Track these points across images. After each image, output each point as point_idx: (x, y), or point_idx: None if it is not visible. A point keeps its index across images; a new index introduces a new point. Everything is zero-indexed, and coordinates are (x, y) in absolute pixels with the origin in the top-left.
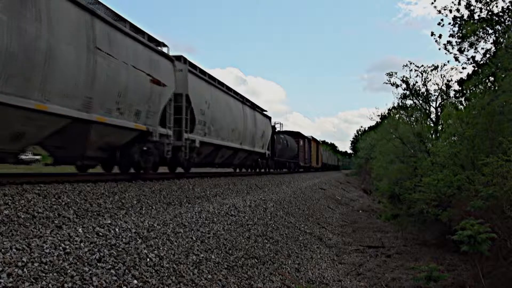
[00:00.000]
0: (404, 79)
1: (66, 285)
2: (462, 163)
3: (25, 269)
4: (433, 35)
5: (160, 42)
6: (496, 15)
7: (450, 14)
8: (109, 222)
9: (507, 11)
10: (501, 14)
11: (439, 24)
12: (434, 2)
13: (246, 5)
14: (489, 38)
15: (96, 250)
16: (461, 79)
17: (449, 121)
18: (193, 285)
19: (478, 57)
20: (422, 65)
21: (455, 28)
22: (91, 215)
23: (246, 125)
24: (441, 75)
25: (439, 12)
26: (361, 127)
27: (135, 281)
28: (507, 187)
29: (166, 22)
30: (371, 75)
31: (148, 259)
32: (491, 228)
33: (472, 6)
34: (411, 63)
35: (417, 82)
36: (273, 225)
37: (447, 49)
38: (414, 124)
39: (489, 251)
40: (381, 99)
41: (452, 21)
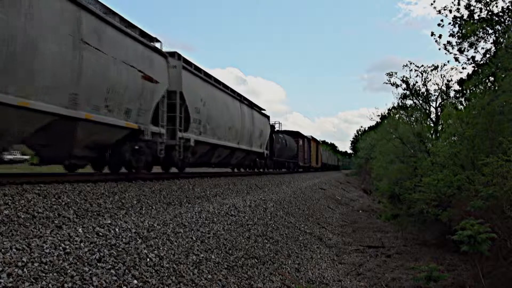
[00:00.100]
0: (404, 79)
1: (66, 285)
2: (462, 163)
3: (25, 269)
4: (433, 35)
5: (153, 38)
6: (496, 15)
7: (450, 14)
8: (109, 222)
9: (507, 11)
10: (501, 14)
11: (439, 25)
12: (433, 2)
13: (246, 5)
14: (489, 38)
15: (96, 250)
16: (461, 79)
17: (449, 121)
18: (193, 285)
19: (478, 57)
20: (422, 65)
21: (455, 29)
22: (91, 215)
23: (243, 124)
24: (441, 75)
25: (439, 12)
26: (361, 127)
27: (135, 281)
28: (507, 187)
29: (166, 22)
30: (371, 75)
31: (148, 259)
32: (491, 228)
33: (472, 7)
34: (411, 63)
35: (417, 82)
36: (273, 225)
37: (447, 49)
38: (414, 124)
39: (489, 251)
40: (381, 99)
41: (452, 21)
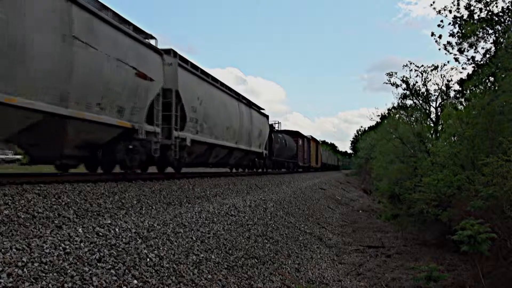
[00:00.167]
0: (404, 79)
1: (66, 285)
2: (462, 163)
3: (25, 269)
4: (433, 35)
5: (147, 34)
6: (496, 15)
7: (450, 14)
8: (109, 222)
9: (507, 11)
10: (501, 14)
11: (439, 26)
12: (433, 3)
13: (246, 5)
14: (489, 38)
15: (96, 250)
16: (461, 79)
17: (449, 121)
18: (193, 285)
19: (478, 57)
20: (422, 65)
21: (455, 29)
22: (91, 215)
23: (242, 123)
24: (441, 75)
25: (439, 12)
26: (361, 127)
27: (135, 281)
28: (507, 187)
29: (166, 22)
30: (371, 75)
31: (148, 259)
32: (491, 228)
33: (472, 7)
34: (411, 63)
35: (417, 82)
36: (273, 225)
37: (447, 49)
38: (414, 124)
39: (489, 251)
40: (381, 99)
41: (452, 20)
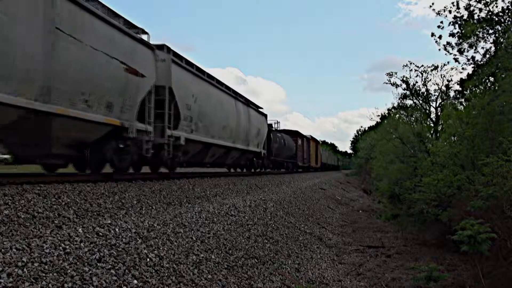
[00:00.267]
0: (404, 79)
1: (66, 285)
2: (462, 163)
3: (25, 269)
4: (433, 35)
5: (139, 28)
6: (496, 15)
7: (450, 14)
8: (109, 222)
9: (507, 11)
10: (501, 14)
11: (439, 27)
12: (432, 5)
13: (246, 5)
14: (489, 38)
15: (96, 250)
16: (461, 79)
17: (449, 121)
18: (193, 285)
19: (478, 57)
20: (422, 65)
21: (455, 30)
22: (91, 215)
23: (239, 122)
24: (441, 75)
25: (438, 13)
26: (361, 127)
27: (135, 281)
28: (507, 187)
29: (166, 22)
30: (371, 75)
31: (148, 259)
32: (491, 228)
33: (472, 7)
34: (411, 63)
35: (417, 82)
36: (273, 225)
37: (447, 50)
38: (414, 124)
39: (489, 251)
40: (381, 99)
41: (452, 20)
